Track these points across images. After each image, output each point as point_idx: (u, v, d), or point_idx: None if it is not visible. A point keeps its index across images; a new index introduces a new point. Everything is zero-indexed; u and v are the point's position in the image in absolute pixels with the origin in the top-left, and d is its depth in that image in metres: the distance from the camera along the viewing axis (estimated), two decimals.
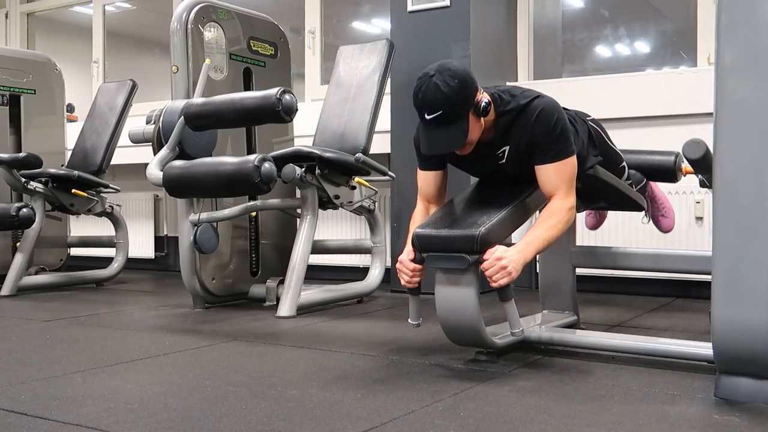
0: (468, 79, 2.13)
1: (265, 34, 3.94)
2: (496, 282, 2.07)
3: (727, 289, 1.75)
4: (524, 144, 2.22)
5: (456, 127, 2.12)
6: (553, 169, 2.20)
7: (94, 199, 4.40)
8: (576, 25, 5.37)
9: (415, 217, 2.40)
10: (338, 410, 1.75)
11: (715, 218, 1.78)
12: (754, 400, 1.77)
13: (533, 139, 2.20)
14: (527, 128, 2.20)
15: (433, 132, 2.15)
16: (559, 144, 2.19)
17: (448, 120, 2.11)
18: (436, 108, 2.09)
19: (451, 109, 2.09)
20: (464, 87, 2.10)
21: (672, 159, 2.96)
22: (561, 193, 2.20)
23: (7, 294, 4.04)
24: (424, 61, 3.90)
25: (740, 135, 1.73)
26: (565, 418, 1.68)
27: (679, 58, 4.93)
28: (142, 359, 2.38)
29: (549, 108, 2.20)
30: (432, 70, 2.12)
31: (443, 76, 2.09)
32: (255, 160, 3.02)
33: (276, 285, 3.53)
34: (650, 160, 3.01)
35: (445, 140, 2.15)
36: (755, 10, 1.70)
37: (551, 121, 2.18)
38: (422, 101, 2.12)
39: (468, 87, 2.11)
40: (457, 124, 2.12)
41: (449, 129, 2.12)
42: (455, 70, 2.11)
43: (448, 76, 2.09)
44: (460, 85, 2.09)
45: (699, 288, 3.40)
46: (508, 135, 2.24)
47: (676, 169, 2.96)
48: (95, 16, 6.14)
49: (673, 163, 2.95)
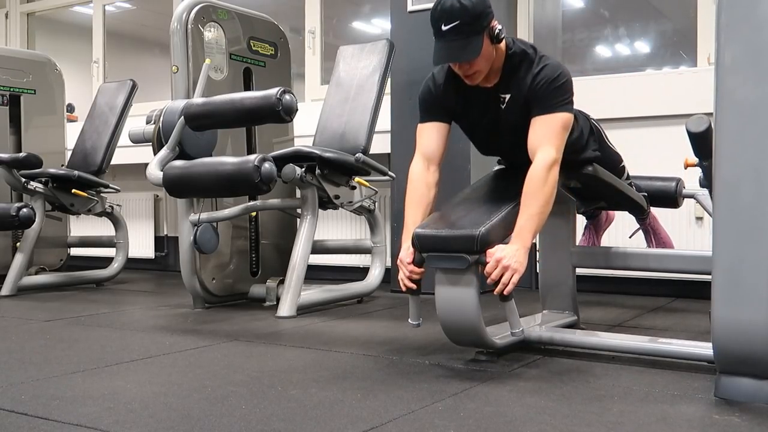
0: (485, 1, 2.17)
1: (265, 34, 3.94)
2: (507, 283, 2.04)
3: (727, 289, 1.75)
4: (524, 95, 2.23)
5: (471, 40, 2.14)
6: (546, 120, 2.19)
7: (94, 199, 4.39)
8: (576, 25, 5.37)
9: (413, 185, 2.33)
10: (338, 410, 1.75)
11: (715, 218, 1.78)
12: (754, 400, 1.77)
13: (534, 88, 2.21)
14: (531, 77, 2.21)
15: (448, 44, 2.15)
16: (558, 96, 2.20)
17: (465, 31, 2.12)
18: (454, 17, 2.11)
19: (468, 20, 2.12)
20: (482, 4, 2.14)
21: (673, 185, 2.97)
22: (545, 146, 2.15)
23: (7, 294, 4.04)
24: (424, 61, 3.91)
25: (740, 135, 1.73)
26: (565, 418, 1.68)
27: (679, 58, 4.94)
28: (142, 359, 2.38)
29: (554, 64, 2.24)
30: None
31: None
32: (255, 160, 3.02)
33: (276, 285, 3.53)
34: (652, 186, 3.01)
35: (459, 50, 2.15)
36: (755, 10, 1.70)
37: (553, 74, 2.20)
38: (441, 11, 2.14)
39: (485, 5, 2.16)
40: (472, 37, 2.13)
41: (465, 41, 2.13)
42: None
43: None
44: (479, 2, 2.13)
45: (699, 288, 3.39)
46: (510, 81, 2.26)
47: (677, 195, 2.97)
48: (95, 16, 6.14)
49: (674, 188, 2.96)
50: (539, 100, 2.20)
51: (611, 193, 2.63)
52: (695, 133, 2.31)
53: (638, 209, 2.97)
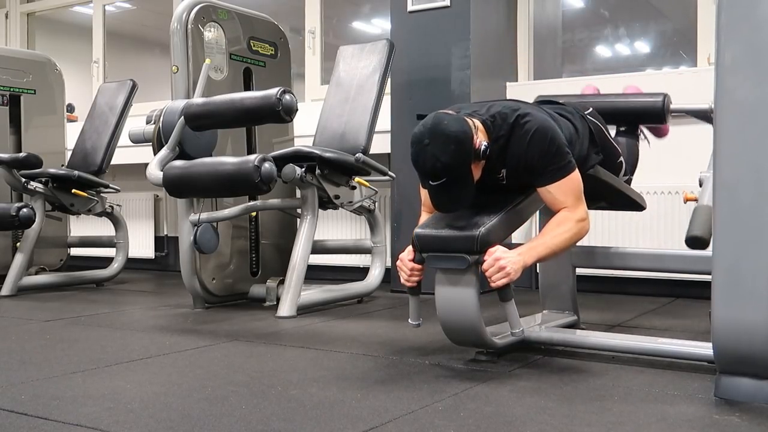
0: (463, 138, 2.06)
1: (265, 34, 3.94)
2: (495, 282, 2.07)
3: (727, 289, 1.75)
4: (521, 167, 2.21)
5: (462, 186, 2.11)
6: (555, 188, 2.18)
7: (94, 199, 4.40)
8: (576, 25, 5.37)
9: None
10: (338, 410, 1.75)
11: (715, 218, 1.78)
12: (754, 400, 1.77)
13: (529, 162, 2.18)
14: (521, 153, 2.18)
15: (441, 194, 2.13)
16: (557, 163, 2.17)
17: (453, 182, 2.09)
18: (439, 177, 2.08)
19: (453, 175, 2.07)
20: (462, 149, 2.06)
21: (660, 99, 2.89)
22: (569, 207, 2.18)
23: (7, 294, 4.04)
24: (424, 61, 3.96)
25: (740, 135, 1.73)
26: (565, 418, 1.68)
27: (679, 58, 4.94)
28: (142, 359, 2.38)
29: (540, 129, 2.17)
30: (426, 137, 2.06)
31: (438, 143, 2.04)
32: (255, 160, 3.02)
33: (276, 285, 3.53)
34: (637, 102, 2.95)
35: (454, 201, 2.14)
36: (755, 10, 1.70)
37: (545, 142, 2.16)
38: (423, 172, 2.10)
39: (465, 147, 2.06)
40: (461, 181, 2.10)
41: (456, 188, 2.11)
42: (449, 133, 2.05)
43: (442, 143, 2.04)
44: (458, 149, 2.05)
45: (699, 288, 3.39)
46: (504, 159, 2.22)
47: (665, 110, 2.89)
48: (95, 16, 6.14)
49: (662, 103, 2.88)
50: (541, 174, 2.18)
51: (612, 193, 2.63)
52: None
53: (639, 209, 2.96)
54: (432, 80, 3.92)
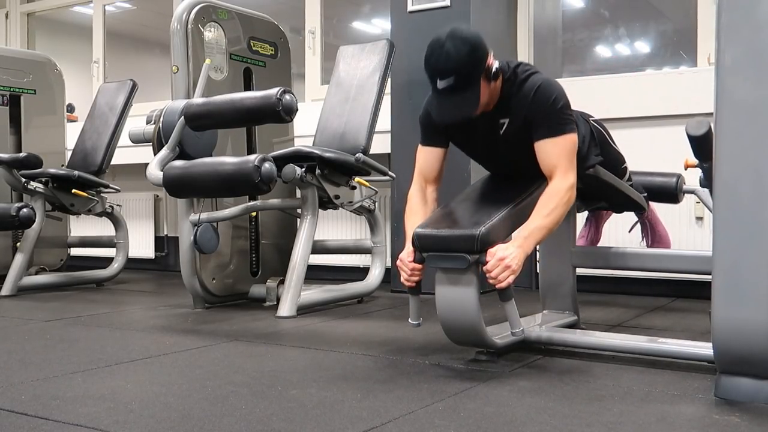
0: (480, 43, 2.12)
1: (265, 34, 3.94)
2: (501, 282, 2.04)
3: (727, 289, 1.75)
4: (522, 119, 2.21)
5: (468, 94, 2.12)
6: (551, 144, 2.18)
7: (95, 199, 4.40)
8: (576, 25, 5.37)
9: (412, 201, 2.38)
10: (338, 410, 1.75)
11: (715, 218, 1.78)
12: (754, 400, 1.77)
13: (531, 113, 2.19)
14: (525, 102, 2.19)
15: (446, 99, 2.13)
16: (558, 119, 2.18)
17: (461, 86, 2.10)
18: (449, 74, 2.09)
19: (463, 75, 2.09)
20: (476, 52, 2.10)
21: (674, 180, 2.97)
22: (560, 171, 2.17)
23: (7, 294, 4.04)
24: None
25: (740, 135, 1.73)
26: (565, 418, 1.68)
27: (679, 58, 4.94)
28: (142, 359, 2.38)
29: (548, 84, 2.20)
30: (443, 36, 2.11)
31: (455, 42, 2.09)
32: (255, 160, 3.02)
33: (276, 285, 3.53)
34: (652, 181, 3.01)
35: (458, 108, 2.14)
36: (755, 10, 1.70)
37: (550, 96, 2.18)
38: (434, 68, 2.11)
39: (480, 52, 2.11)
40: (469, 90, 2.11)
41: (462, 95, 2.11)
42: (467, 36, 2.11)
43: (459, 41, 2.09)
44: (472, 50, 2.09)
45: (699, 288, 3.40)
46: (507, 105, 2.23)
47: (678, 191, 2.96)
48: (95, 16, 6.14)
49: (675, 184, 2.95)
50: (542, 123, 2.19)
51: (612, 194, 2.63)
52: (695, 137, 2.30)
53: (639, 209, 2.97)
54: None
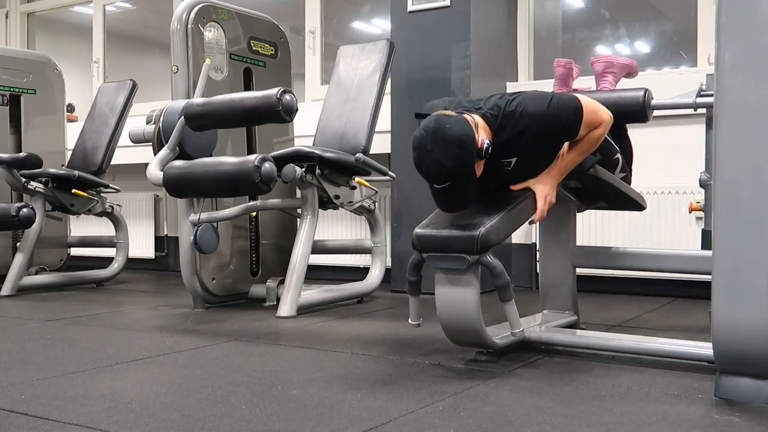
0: (466, 140, 2.04)
1: (265, 34, 3.94)
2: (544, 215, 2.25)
3: (727, 289, 1.75)
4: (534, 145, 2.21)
5: (466, 187, 2.12)
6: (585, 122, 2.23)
7: (95, 199, 4.40)
8: (576, 25, 5.37)
9: None
10: (338, 410, 1.76)
11: (715, 218, 1.78)
12: (754, 400, 1.77)
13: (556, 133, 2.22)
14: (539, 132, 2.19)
15: (446, 196, 2.13)
16: (570, 109, 2.20)
17: (457, 185, 2.10)
18: (443, 181, 2.08)
19: (457, 178, 2.08)
20: (465, 152, 2.04)
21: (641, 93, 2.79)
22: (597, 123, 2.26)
23: (7, 294, 4.04)
24: (425, 61, 3.96)
25: (740, 135, 1.73)
26: (565, 418, 1.68)
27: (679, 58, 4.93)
28: (142, 359, 2.38)
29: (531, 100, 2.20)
30: (428, 142, 2.04)
31: (441, 149, 2.03)
32: (255, 160, 3.02)
33: (276, 285, 3.53)
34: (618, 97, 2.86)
35: (460, 202, 2.15)
36: (755, 10, 1.70)
37: (544, 106, 2.18)
38: (428, 176, 2.10)
39: (468, 149, 2.05)
40: (466, 183, 2.11)
41: (461, 190, 2.12)
42: (451, 138, 2.03)
43: (445, 147, 2.03)
44: (461, 153, 2.04)
45: (699, 288, 3.39)
46: (511, 147, 2.22)
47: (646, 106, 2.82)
48: (95, 16, 6.14)
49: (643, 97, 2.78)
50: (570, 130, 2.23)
51: (611, 193, 2.62)
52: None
53: (639, 209, 2.96)
54: (432, 80, 3.92)
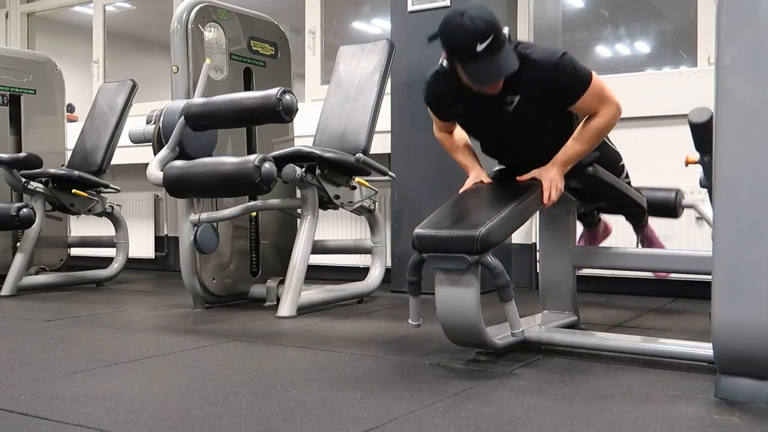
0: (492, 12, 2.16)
1: (265, 34, 3.94)
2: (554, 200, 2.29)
3: (727, 289, 1.75)
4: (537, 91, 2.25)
5: (505, 51, 2.15)
6: (588, 95, 2.26)
7: (95, 199, 4.40)
8: (576, 25, 5.37)
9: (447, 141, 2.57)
10: (338, 410, 1.76)
11: (715, 218, 1.78)
12: (754, 400, 1.77)
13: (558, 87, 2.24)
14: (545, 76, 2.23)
15: (484, 62, 2.13)
16: (579, 76, 2.25)
17: (498, 45, 2.12)
18: (486, 34, 2.10)
19: (497, 33, 2.11)
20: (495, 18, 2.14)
21: (673, 195, 2.97)
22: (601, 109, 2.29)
23: (7, 294, 4.04)
24: (425, 61, 3.92)
25: (740, 135, 1.73)
26: (565, 418, 1.68)
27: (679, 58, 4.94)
28: (142, 359, 2.38)
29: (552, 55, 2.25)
30: (458, 11, 2.13)
31: (474, 10, 2.12)
32: (255, 160, 3.02)
33: (276, 285, 3.53)
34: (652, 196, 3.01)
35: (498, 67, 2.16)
36: (755, 11, 1.70)
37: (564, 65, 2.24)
38: (467, 34, 2.10)
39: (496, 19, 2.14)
40: (504, 48, 2.14)
41: (500, 55, 2.13)
42: (480, 6, 2.15)
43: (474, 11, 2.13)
44: (491, 14, 2.14)
45: (699, 288, 3.39)
46: (518, 83, 2.25)
47: (677, 206, 2.97)
48: (95, 16, 6.14)
49: (674, 198, 2.95)
50: (572, 85, 2.26)
51: (612, 193, 2.63)
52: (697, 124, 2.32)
53: (638, 212, 2.96)
54: None
